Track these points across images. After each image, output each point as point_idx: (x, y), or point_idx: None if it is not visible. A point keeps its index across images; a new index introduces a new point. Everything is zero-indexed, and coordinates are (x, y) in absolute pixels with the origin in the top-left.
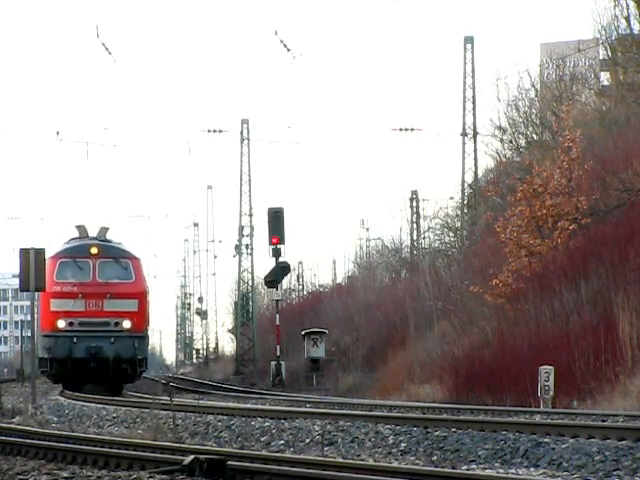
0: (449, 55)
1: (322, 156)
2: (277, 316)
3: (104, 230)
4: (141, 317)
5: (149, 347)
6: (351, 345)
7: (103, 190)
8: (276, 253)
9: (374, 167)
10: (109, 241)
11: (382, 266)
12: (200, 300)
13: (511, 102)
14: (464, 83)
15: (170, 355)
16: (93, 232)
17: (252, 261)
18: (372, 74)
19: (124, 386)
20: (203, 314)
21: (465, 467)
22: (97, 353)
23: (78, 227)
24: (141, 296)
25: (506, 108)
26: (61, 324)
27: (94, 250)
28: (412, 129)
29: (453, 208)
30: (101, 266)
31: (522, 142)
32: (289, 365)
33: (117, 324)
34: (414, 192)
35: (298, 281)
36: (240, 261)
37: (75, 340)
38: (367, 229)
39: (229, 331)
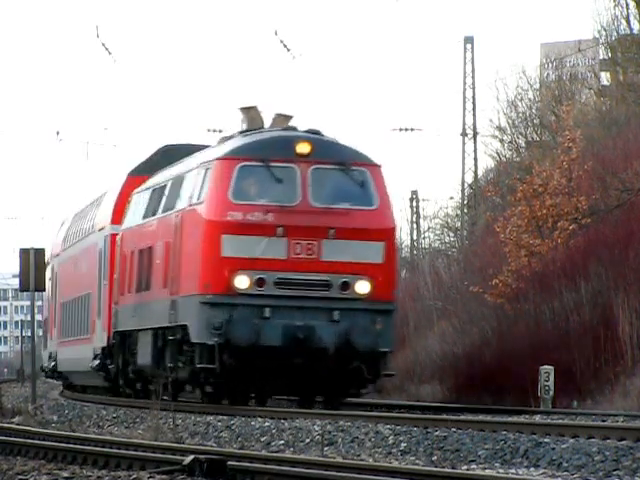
0: (449, 55)
1: None
2: None
3: (283, 119)
4: (389, 274)
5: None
6: None
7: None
8: None
9: None
10: (321, 134)
11: None
12: None
13: (510, 102)
14: (464, 83)
15: None
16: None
17: None
18: (372, 74)
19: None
20: None
21: (465, 467)
22: (307, 339)
23: (246, 110)
24: (389, 235)
25: (506, 108)
26: (242, 282)
27: (304, 147)
28: (412, 129)
29: (453, 208)
30: (317, 177)
31: (522, 142)
32: None
33: (346, 286)
34: (414, 192)
35: None
36: None
37: (267, 313)
38: None
39: None
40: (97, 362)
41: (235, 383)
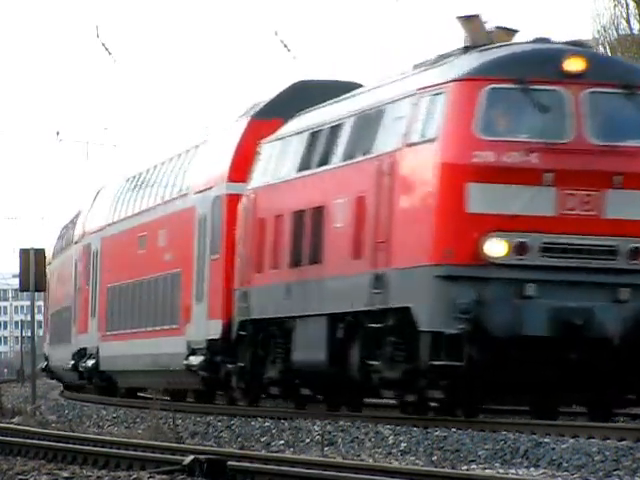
0: None
1: None
2: None
3: (506, 34)
4: None
5: None
6: None
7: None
8: None
9: None
10: (590, 46)
11: None
12: None
13: None
14: None
15: None
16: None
17: None
18: (372, 74)
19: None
20: None
21: (465, 467)
22: (585, 326)
23: (466, 21)
24: None
25: None
26: (496, 248)
27: (576, 64)
28: None
29: None
30: (595, 104)
31: None
32: None
33: (637, 254)
34: None
35: None
36: None
37: (531, 291)
38: None
39: None
40: (200, 359)
41: (487, 386)
